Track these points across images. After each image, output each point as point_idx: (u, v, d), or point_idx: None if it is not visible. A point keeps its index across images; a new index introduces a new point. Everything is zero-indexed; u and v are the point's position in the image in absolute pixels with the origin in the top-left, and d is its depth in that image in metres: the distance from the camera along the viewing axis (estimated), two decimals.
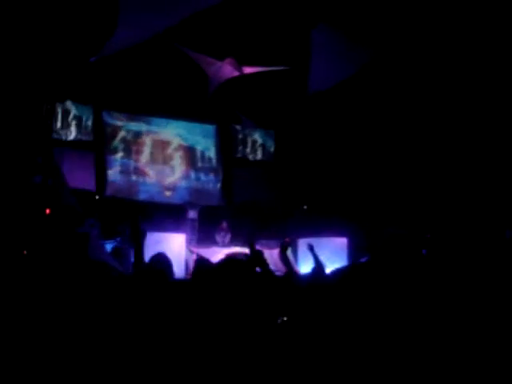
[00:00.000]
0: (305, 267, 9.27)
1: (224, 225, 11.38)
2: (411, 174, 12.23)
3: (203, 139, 13.99)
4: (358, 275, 3.19)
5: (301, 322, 3.11)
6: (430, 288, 3.23)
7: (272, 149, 14.44)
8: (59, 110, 11.98)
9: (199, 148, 13.90)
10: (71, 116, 12.20)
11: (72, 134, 12.25)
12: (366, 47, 9.83)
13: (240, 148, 14.24)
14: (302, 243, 10.85)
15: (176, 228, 10.97)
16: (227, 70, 11.23)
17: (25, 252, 8.41)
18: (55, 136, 11.79)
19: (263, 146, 14.43)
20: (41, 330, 3.08)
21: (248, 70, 11.26)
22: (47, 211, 8.67)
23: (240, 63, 11.13)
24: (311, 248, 4.81)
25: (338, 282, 3.32)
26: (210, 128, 14.10)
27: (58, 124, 12.00)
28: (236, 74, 11.29)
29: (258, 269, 3.84)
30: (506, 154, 11.05)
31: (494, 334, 2.88)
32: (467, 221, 10.86)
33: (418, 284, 3.19)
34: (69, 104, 12.14)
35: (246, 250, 10.65)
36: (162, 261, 3.59)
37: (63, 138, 12.11)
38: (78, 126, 12.31)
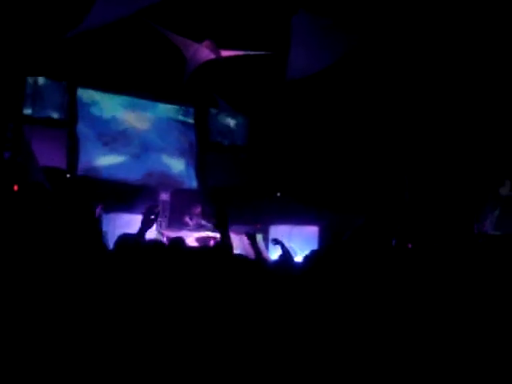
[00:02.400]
0: (275, 254, 9.29)
1: (198, 209, 11.33)
2: (385, 164, 12.31)
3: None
4: (324, 261, 3.19)
5: (268, 307, 3.10)
6: (397, 277, 3.25)
7: (247, 134, 14.38)
8: (31, 86, 11.71)
9: None
10: (44, 92, 11.93)
11: (44, 110, 11.99)
12: (347, 36, 9.82)
13: (215, 132, 14.14)
14: (274, 230, 10.87)
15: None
16: (205, 52, 11.12)
17: None
18: (26, 112, 11.54)
19: (238, 131, 14.35)
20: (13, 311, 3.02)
21: (226, 53, 11.16)
22: (15, 187, 8.51)
23: (218, 46, 11.03)
24: (277, 242, 4.79)
25: (306, 267, 3.32)
26: (185, 110, 13.97)
27: (30, 100, 11.72)
28: (213, 56, 11.18)
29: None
30: (480, 145, 11.17)
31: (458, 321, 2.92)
32: (438, 213, 10.98)
33: (384, 272, 3.20)
34: (42, 80, 11.87)
35: (216, 235, 10.68)
36: (128, 241, 3.54)
37: (35, 114, 11.84)
38: (51, 103, 12.06)
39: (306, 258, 3.64)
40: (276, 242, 4.76)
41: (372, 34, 9.88)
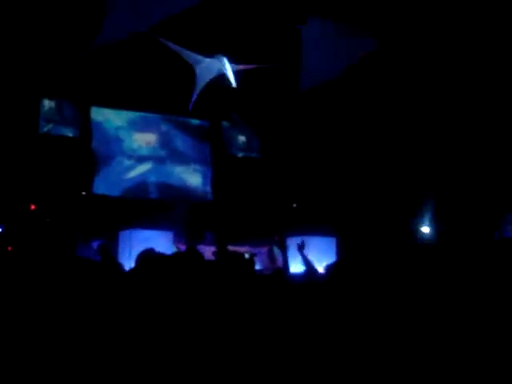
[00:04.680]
0: (293, 266, 9.21)
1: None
2: (400, 174, 12.23)
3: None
4: (348, 272, 3.15)
5: (292, 319, 3.07)
6: (420, 286, 3.21)
7: (261, 146, 14.35)
8: (46, 106, 11.80)
9: None
10: (58, 111, 12.02)
11: (59, 129, 12.08)
12: (357, 45, 9.81)
13: (229, 145, 14.14)
14: (291, 242, 10.79)
15: (164, 225, 10.88)
16: (216, 67, 11.15)
17: (10, 248, 8.30)
18: (42, 131, 11.63)
19: (252, 143, 14.34)
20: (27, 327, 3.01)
21: (237, 67, 11.18)
22: (32, 207, 8.57)
23: (229, 60, 11.06)
24: (300, 247, 4.70)
25: (329, 280, 3.28)
26: (199, 125, 14.01)
27: (45, 119, 11.81)
28: (224, 71, 11.21)
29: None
30: (500, 151, 11.06)
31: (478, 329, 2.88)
32: (459, 219, 10.89)
33: (407, 282, 3.16)
34: (56, 100, 11.96)
35: (235, 248, 10.65)
36: (151, 257, 3.50)
37: (50, 132, 11.92)
38: (65, 122, 12.14)
39: (328, 268, 3.60)
40: (300, 248, 4.66)
41: (383, 42, 9.85)
